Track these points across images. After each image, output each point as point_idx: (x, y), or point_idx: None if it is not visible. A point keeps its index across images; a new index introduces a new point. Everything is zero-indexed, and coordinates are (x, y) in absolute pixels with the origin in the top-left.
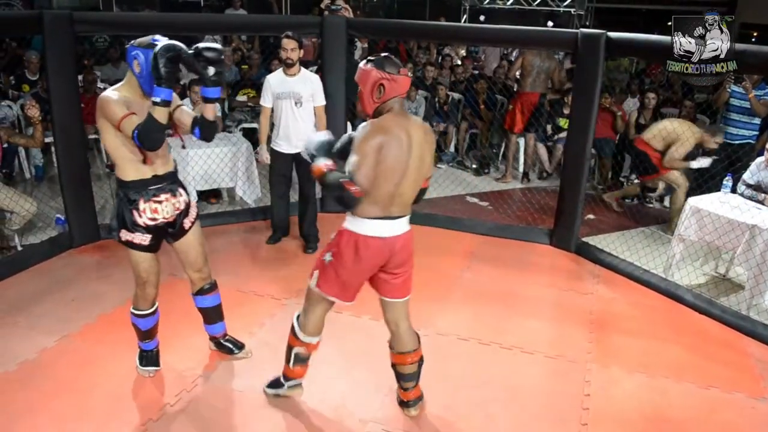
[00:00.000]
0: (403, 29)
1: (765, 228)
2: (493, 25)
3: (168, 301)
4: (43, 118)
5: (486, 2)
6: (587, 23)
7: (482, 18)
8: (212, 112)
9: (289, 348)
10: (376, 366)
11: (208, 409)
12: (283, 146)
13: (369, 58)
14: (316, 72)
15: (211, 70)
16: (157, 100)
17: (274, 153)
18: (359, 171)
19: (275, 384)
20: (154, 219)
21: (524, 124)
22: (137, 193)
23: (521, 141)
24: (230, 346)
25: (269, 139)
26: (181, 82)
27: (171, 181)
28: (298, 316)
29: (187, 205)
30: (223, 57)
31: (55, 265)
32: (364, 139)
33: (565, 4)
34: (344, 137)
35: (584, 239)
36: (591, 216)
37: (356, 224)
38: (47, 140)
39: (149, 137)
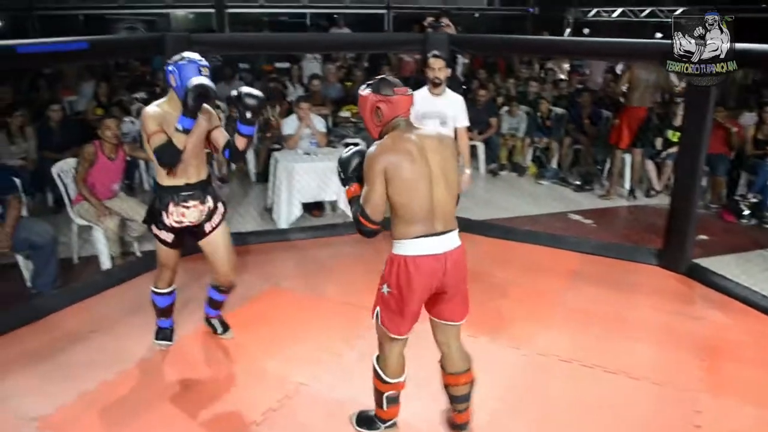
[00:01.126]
0: (506, 44)
1: None
2: (597, 38)
3: (270, 310)
4: None
5: (590, 15)
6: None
7: (586, 31)
8: (243, 143)
9: (378, 393)
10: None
11: (309, 416)
12: None
13: (367, 82)
14: (417, 87)
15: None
16: (179, 127)
17: None
18: (367, 204)
19: (369, 424)
20: (180, 222)
21: (630, 140)
22: (169, 197)
23: (627, 157)
24: (216, 324)
25: None
26: (288, 99)
27: (201, 190)
28: (377, 357)
29: (211, 211)
30: (260, 107)
31: None
32: (368, 167)
33: (676, 14)
34: (355, 153)
35: (696, 261)
36: (703, 236)
37: (402, 247)
38: None
39: (165, 158)
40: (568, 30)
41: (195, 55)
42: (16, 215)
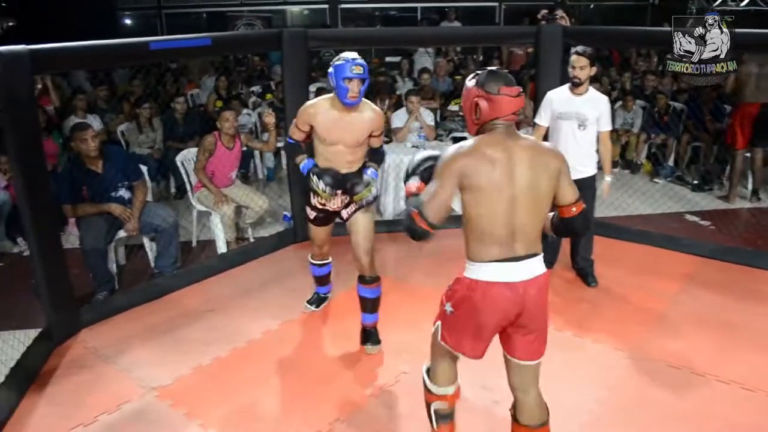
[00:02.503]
0: (622, 36)
1: None
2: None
3: (393, 302)
4: (277, 125)
5: (716, 4)
6: None
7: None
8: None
9: (427, 406)
10: (576, 383)
11: (408, 404)
12: None
13: (476, 72)
14: (530, 80)
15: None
16: (300, 166)
17: None
18: (430, 202)
19: None
20: (323, 205)
21: (747, 139)
22: (320, 176)
23: (747, 156)
24: (367, 336)
25: None
26: (397, 93)
27: (347, 180)
28: (427, 369)
29: (350, 201)
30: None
31: (280, 257)
32: (444, 163)
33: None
34: (430, 156)
35: None
36: None
37: (473, 269)
38: (278, 145)
39: (287, 151)
40: (690, 21)
41: (350, 55)
42: (142, 200)
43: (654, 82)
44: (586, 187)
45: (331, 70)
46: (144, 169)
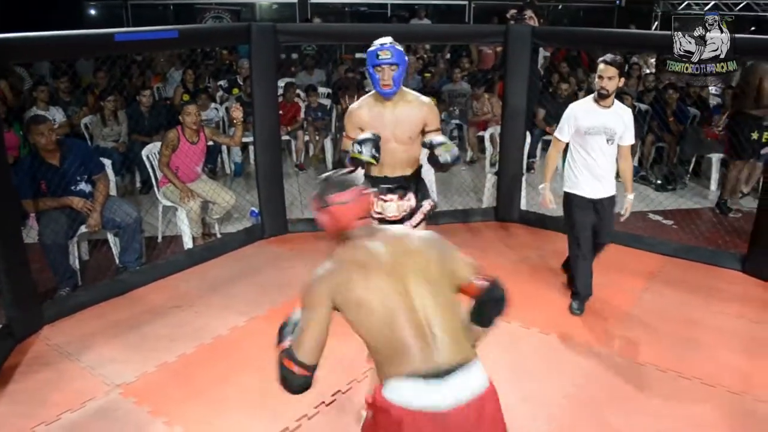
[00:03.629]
0: (590, 38)
1: None
2: None
3: None
4: (244, 120)
5: (681, 8)
6: None
7: (676, 25)
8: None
9: None
10: (546, 380)
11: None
12: (589, 190)
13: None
14: (500, 79)
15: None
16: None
17: (574, 198)
18: (300, 344)
19: None
20: (379, 213)
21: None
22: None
23: (714, 157)
24: None
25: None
26: (366, 89)
27: (400, 186)
28: None
29: (412, 210)
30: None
31: (247, 252)
32: (306, 292)
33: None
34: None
35: None
36: None
37: (389, 387)
38: (245, 140)
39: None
40: (656, 23)
41: (381, 40)
42: (104, 194)
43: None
44: (610, 205)
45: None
46: (108, 163)
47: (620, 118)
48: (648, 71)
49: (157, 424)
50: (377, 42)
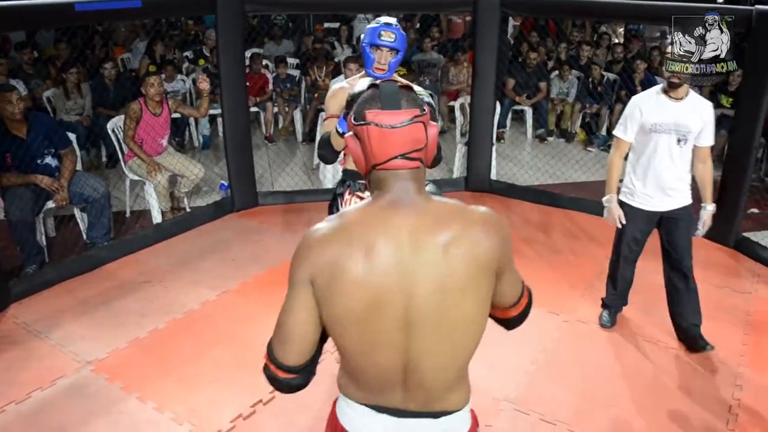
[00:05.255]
0: (560, 7)
1: None
2: (656, 1)
3: None
4: (211, 91)
5: None
6: None
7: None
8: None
9: None
10: (513, 347)
11: None
12: (649, 200)
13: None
14: (470, 48)
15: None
16: (339, 129)
17: (629, 210)
18: (276, 334)
19: None
20: None
21: None
22: (347, 183)
23: None
24: None
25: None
26: (336, 59)
27: None
28: None
29: None
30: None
31: (217, 226)
32: (291, 267)
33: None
34: None
35: (745, 234)
36: (755, 210)
37: (345, 407)
38: (213, 112)
39: (320, 151)
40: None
41: (386, 19)
42: (71, 169)
43: (589, 52)
44: (683, 219)
45: (363, 36)
46: (72, 137)
47: (696, 113)
48: (617, 41)
49: (129, 400)
50: (382, 20)
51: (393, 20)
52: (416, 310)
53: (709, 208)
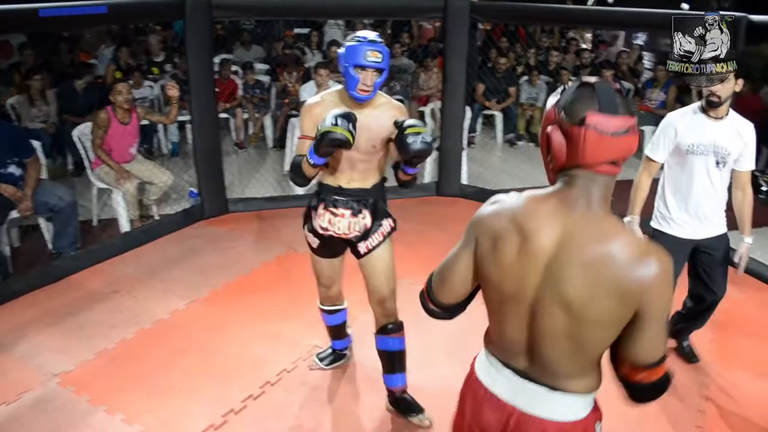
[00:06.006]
0: (529, 13)
1: None
2: (623, 8)
3: (287, 274)
4: (180, 98)
5: None
6: (726, 4)
7: (610, 0)
8: (407, 179)
9: None
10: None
11: (321, 377)
12: (685, 227)
13: (569, 85)
14: (439, 54)
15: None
16: (310, 161)
17: (663, 239)
18: (438, 270)
19: None
20: (325, 228)
21: None
22: (321, 197)
23: (647, 129)
24: (407, 404)
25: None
26: (306, 65)
27: (358, 199)
28: None
29: (367, 230)
30: (428, 154)
31: (187, 234)
32: (466, 228)
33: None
34: None
35: None
36: None
37: (481, 352)
38: (181, 118)
39: (293, 174)
40: (591, 0)
41: (368, 34)
42: (36, 178)
43: (557, 58)
44: (719, 249)
45: (341, 50)
46: (37, 145)
47: (737, 134)
48: (584, 47)
49: (97, 413)
50: (362, 35)
51: (373, 35)
52: (545, 312)
53: (746, 240)
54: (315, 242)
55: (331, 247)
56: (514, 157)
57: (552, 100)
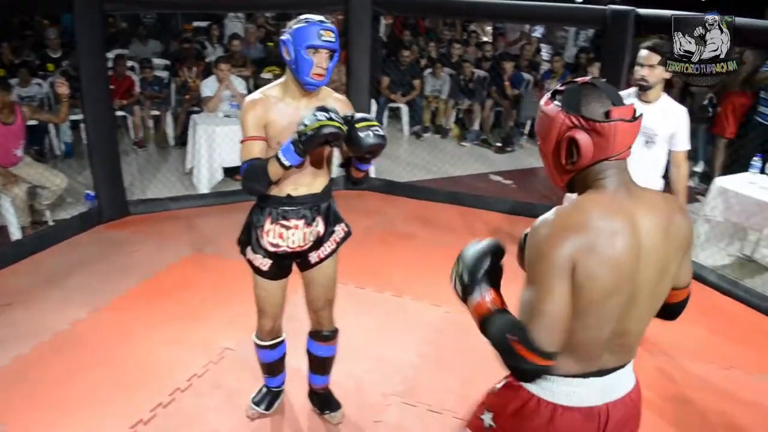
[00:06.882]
0: (431, 6)
1: None
2: (522, 1)
3: (194, 276)
4: (72, 96)
5: None
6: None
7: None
8: (360, 176)
9: None
10: (398, 341)
11: (234, 380)
12: None
13: (557, 88)
14: (343, 48)
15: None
16: (284, 161)
17: None
18: (538, 323)
19: None
20: (276, 245)
21: (736, 129)
22: (267, 211)
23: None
24: (324, 400)
25: None
26: (206, 59)
27: (310, 206)
28: None
29: (320, 239)
30: (382, 149)
31: (85, 239)
32: (540, 254)
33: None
34: (485, 248)
35: None
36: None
37: (543, 383)
38: (75, 117)
39: (247, 183)
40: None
41: (315, 16)
42: None
43: (459, 50)
44: None
45: (285, 37)
46: None
47: (665, 117)
48: (485, 39)
49: None
50: (311, 17)
51: (320, 17)
52: (640, 285)
53: None
54: (266, 264)
55: (280, 266)
56: (420, 149)
57: (551, 106)
